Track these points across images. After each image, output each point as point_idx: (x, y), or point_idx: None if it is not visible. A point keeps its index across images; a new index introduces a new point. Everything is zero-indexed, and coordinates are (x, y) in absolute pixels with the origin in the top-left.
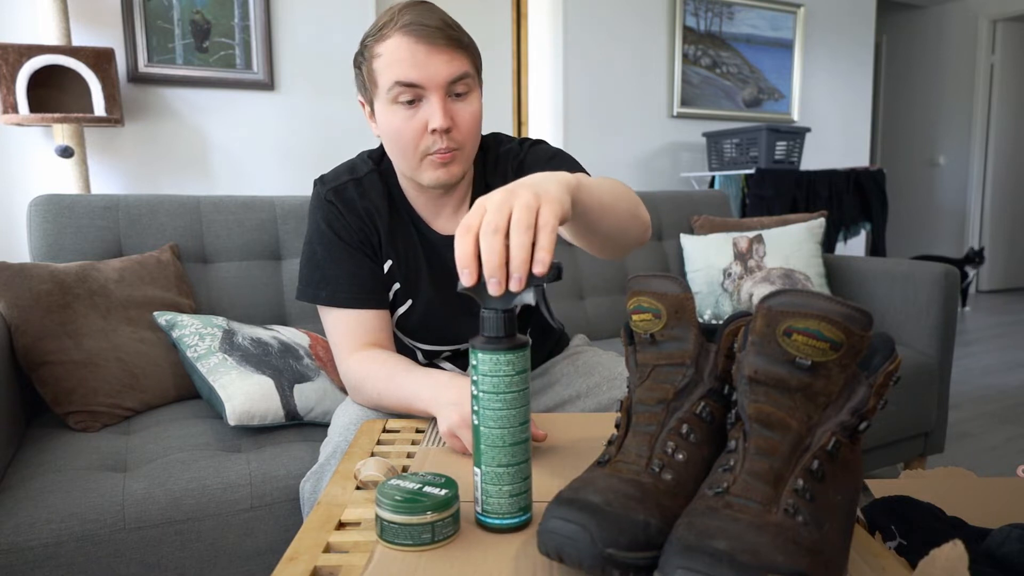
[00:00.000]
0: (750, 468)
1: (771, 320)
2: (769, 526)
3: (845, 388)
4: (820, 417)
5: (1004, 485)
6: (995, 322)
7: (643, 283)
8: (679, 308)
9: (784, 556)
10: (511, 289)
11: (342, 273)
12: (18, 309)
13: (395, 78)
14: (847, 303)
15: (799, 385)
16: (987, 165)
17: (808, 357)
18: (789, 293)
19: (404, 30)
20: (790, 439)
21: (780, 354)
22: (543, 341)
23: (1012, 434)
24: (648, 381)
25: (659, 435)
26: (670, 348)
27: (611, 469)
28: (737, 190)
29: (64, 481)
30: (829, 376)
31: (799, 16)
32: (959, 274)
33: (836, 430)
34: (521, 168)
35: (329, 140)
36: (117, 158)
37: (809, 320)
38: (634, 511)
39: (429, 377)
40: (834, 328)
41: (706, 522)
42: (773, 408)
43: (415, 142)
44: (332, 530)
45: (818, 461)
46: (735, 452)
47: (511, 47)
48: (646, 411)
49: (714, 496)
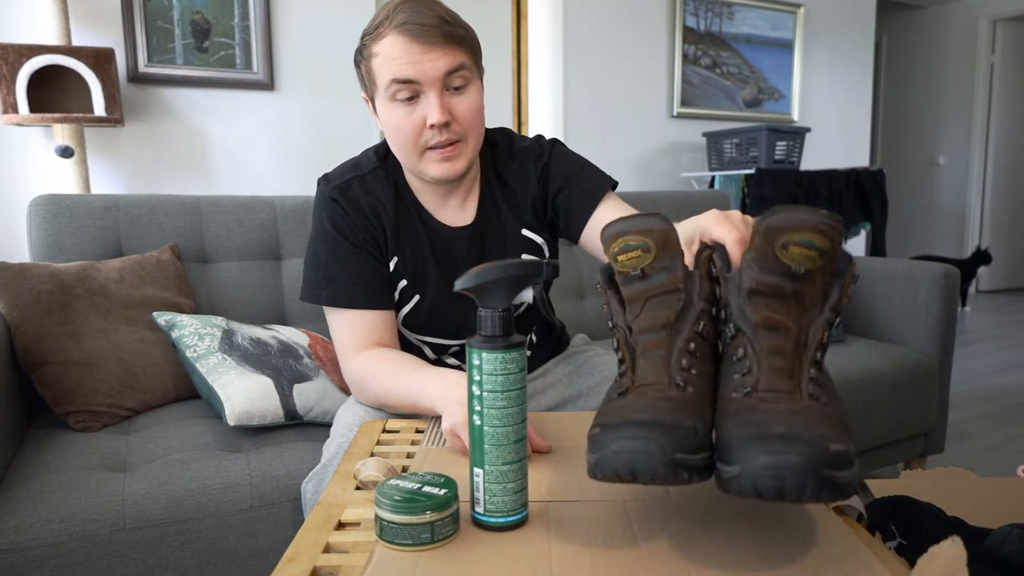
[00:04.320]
0: (768, 366)
1: (770, 236)
2: (806, 410)
3: (823, 290)
4: (809, 317)
5: (1004, 485)
6: (995, 322)
7: (626, 224)
8: (666, 240)
9: (827, 429)
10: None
11: (346, 273)
12: (18, 309)
13: (391, 76)
14: (829, 214)
15: (793, 291)
16: (987, 165)
17: (802, 265)
18: (783, 210)
19: (399, 28)
20: (792, 338)
21: (778, 266)
22: (543, 341)
23: (1012, 434)
24: (644, 312)
25: (671, 356)
26: (661, 278)
27: (638, 394)
28: (737, 190)
29: (64, 481)
30: (814, 282)
31: (799, 16)
32: (959, 274)
33: (824, 326)
34: (548, 169)
35: (329, 140)
36: (117, 158)
37: (804, 232)
38: (682, 419)
39: (436, 375)
40: (823, 237)
41: (754, 417)
42: (774, 314)
43: (415, 137)
44: (332, 530)
45: (820, 352)
46: (745, 358)
47: (511, 47)
48: (651, 338)
49: (744, 396)
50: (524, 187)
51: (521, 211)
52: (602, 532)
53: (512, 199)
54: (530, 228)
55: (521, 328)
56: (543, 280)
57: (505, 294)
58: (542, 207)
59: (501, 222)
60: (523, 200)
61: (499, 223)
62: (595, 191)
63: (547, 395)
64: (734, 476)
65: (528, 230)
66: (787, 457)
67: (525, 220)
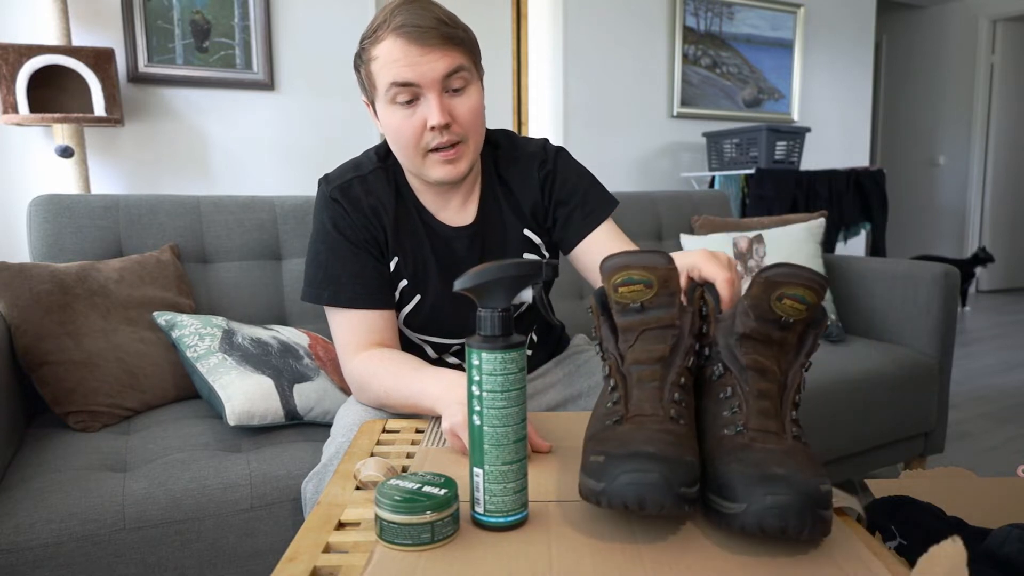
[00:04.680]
0: (757, 408)
1: (768, 288)
2: (793, 451)
3: (800, 338)
4: (788, 360)
5: (1004, 485)
6: (995, 322)
7: (631, 258)
8: (668, 279)
9: (813, 470)
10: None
11: (347, 273)
12: (18, 309)
13: (391, 79)
14: (816, 273)
15: (779, 339)
16: (987, 165)
17: (791, 317)
18: (781, 266)
19: (397, 32)
20: (776, 381)
21: (771, 315)
22: (544, 341)
23: (1012, 434)
24: (639, 343)
25: (664, 388)
26: (659, 313)
27: (635, 423)
28: (737, 190)
29: (64, 481)
30: (795, 330)
31: (799, 16)
32: (959, 274)
33: (799, 370)
34: (552, 177)
35: (329, 140)
36: (117, 158)
37: (797, 288)
38: (682, 453)
39: (436, 375)
40: (812, 293)
41: (751, 456)
42: (761, 358)
43: (416, 140)
44: (332, 530)
45: (798, 396)
46: (734, 397)
47: (511, 47)
48: (645, 369)
49: (736, 434)
50: (525, 191)
51: (522, 212)
52: (602, 532)
53: (513, 200)
54: (530, 229)
55: (521, 328)
56: (543, 280)
57: (504, 294)
58: (542, 213)
59: (502, 222)
60: (524, 203)
61: (500, 223)
62: (597, 213)
63: (547, 395)
64: (739, 513)
65: (529, 230)
66: (789, 498)
67: (526, 221)
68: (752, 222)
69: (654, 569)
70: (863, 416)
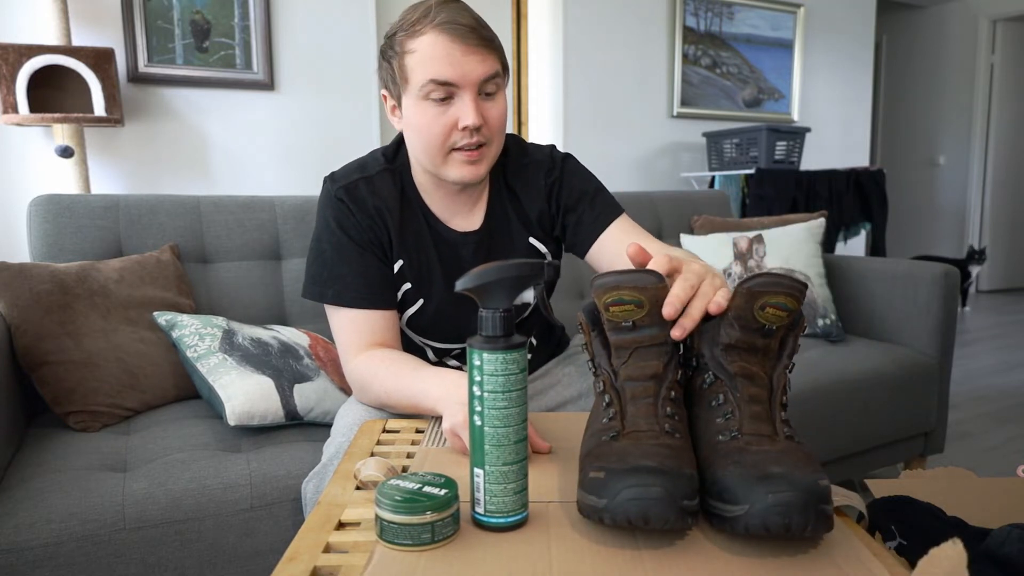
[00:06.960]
0: (749, 413)
1: (751, 298)
2: (789, 450)
3: (781, 341)
4: (772, 364)
5: (1004, 485)
6: (995, 322)
7: (621, 278)
8: (658, 298)
9: (811, 467)
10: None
11: (350, 272)
12: (18, 309)
13: (430, 75)
14: (795, 280)
15: (763, 346)
16: (987, 165)
17: (774, 324)
18: (762, 276)
19: (440, 28)
20: (764, 385)
21: (755, 324)
22: (544, 341)
23: (1012, 434)
24: (632, 360)
25: (657, 403)
26: (651, 332)
27: (631, 439)
28: (737, 190)
29: (64, 481)
30: (777, 336)
31: (799, 16)
32: (959, 274)
33: (783, 372)
34: (559, 185)
35: (329, 140)
36: (117, 158)
37: (779, 296)
38: (681, 467)
39: (437, 376)
40: (793, 300)
41: (748, 458)
42: (748, 365)
43: (443, 138)
44: (332, 530)
45: (785, 397)
46: (726, 404)
47: (511, 47)
48: (639, 385)
49: (731, 439)
50: (532, 200)
51: (528, 221)
52: (602, 532)
53: (520, 208)
54: (536, 238)
55: (522, 330)
56: (544, 281)
57: (506, 295)
58: (549, 222)
59: (509, 229)
60: (530, 211)
61: (507, 230)
62: (607, 213)
63: (547, 396)
64: (742, 515)
65: (535, 239)
66: (791, 495)
67: (532, 229)
68: (752, 222)
69: (654, 570)
70: (863, 416)
